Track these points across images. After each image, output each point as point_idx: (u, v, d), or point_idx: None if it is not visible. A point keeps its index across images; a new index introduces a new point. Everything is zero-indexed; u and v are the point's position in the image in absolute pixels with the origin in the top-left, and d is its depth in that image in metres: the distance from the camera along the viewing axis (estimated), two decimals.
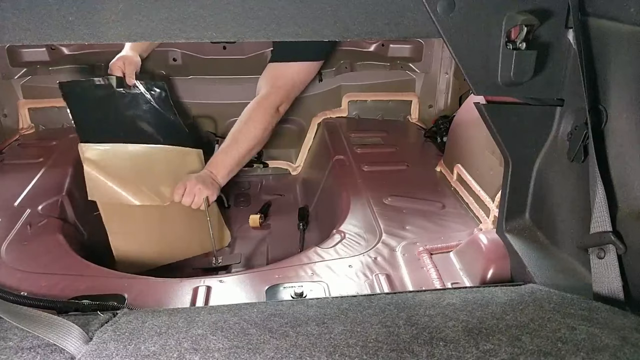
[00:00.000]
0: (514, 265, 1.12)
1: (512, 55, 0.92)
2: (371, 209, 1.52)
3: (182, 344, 0.75)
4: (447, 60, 2.23)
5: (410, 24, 0.91)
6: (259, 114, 1.92)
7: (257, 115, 1.92)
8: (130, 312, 0.87)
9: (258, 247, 1.79)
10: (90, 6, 0.84)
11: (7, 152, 1.97)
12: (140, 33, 0.87)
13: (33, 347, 0.76)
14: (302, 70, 2.06)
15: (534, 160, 1.09)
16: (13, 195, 1.60)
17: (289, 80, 2.02)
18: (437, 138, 2.05)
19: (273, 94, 1.97)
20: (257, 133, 1.90)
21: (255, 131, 1.89)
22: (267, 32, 0.89)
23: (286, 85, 2.01)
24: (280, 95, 1.98)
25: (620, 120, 0.86)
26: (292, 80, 2.03)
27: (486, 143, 1.40)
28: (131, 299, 1.14)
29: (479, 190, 1.47)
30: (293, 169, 2.31)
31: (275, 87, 1.99)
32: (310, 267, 1.27)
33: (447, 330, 0.77)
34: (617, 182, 0.86)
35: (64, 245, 1.38)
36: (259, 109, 1.94)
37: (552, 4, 0.92)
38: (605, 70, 0.88)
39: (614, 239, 0.83)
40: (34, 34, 0.85)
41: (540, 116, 1.04)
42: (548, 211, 1.08)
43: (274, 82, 2.00)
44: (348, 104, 2.28)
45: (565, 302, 0.84)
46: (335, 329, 0.78)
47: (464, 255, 1.26)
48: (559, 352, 0.70)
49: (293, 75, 2.03)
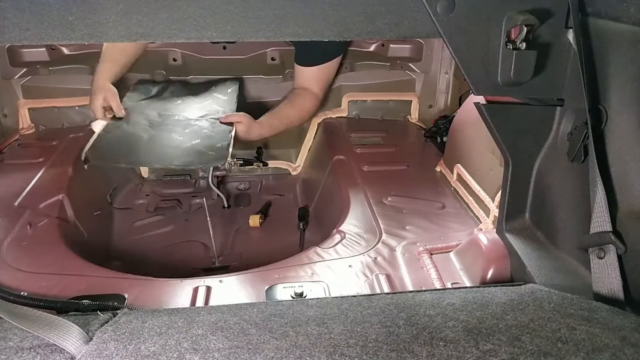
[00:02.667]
0: (514, 265, 1.12)
1: (512, 55, 0.92)
2: (371, 209, 1.52)
3: (182, 344, 0.75)
4: (447, 60, 2.23)
5: (410, 24, 0.91)
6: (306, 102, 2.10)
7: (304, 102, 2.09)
8: (130, 312, 0.87)
9: (258, 247, 1.79)
10: (90, 6, 0.84)
11: (7, 152, 1.96)
12: (140, 33, 0.87)
13: (33, 347, 0.76)
14: (335, 63, 2.15)
15: (534, 160, 1.09)
16: (13, 195, 1.60)
17: (331, 75, 2.17)
18: (437, 138, 2.05)
19: (320, 89, 2.12)
20: (300, 116, 2.09)
21: (298, 115, 2.08)
22: (267, 32, 0.89)
23: (329, 79, 2.17)
24: (324, 90, 2.16)
25: (620, 120, 0.86)
26: (333, 73, 2.18)
27: (486, 143, 1.40)
28: (131, 299, 1.14)
29: (479, 190, 1.47)
30: (293, 169, 2.30)
31: (320, 86, 2.12)
32: (310, 267, 1.27)
33: (447, 330, 0.77)
34: (617, 182, 0.86)
35: (64, 245, 1.38)
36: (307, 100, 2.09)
37: (552, 4, 0.92)
38: (605, 70, 0.88)
39: (614, 239, 0.83)
40: (34, 34, 0.85)
41: (540, 116, 1.04)
42: (548, 211, 1.08)
43: (320, 81, 2.12)
44: (348, 104, 2.28)
45: (565, 302, 0.84)
46: (335, 329, 0.78)
47: (464, 255, 1.26)
48: (559, 352, 0.70)
49: (333, 69, 2.16)
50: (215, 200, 2.05)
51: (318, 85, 2.11)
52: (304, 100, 2.08)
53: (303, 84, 2.10)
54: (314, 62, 2.07)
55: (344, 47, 2.16)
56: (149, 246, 1.79)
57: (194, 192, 2.11)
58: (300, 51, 2.10)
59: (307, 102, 2.09)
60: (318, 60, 2.07)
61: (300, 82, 2.12)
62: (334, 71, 2.17)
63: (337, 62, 2.15)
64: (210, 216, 1.69)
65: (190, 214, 1.98)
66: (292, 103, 2.06)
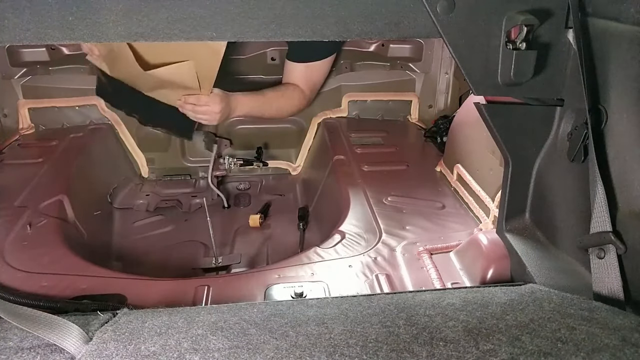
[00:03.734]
0: (514, 265, 1.12)
1: (512, 55, 0.92)
2: (371, 209, 1.52)
3: (182, 344, 0.75)
4: (447, 60, 2.23)
5: (410, 24, 0.91)
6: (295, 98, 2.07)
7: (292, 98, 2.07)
8: (130, 312, 0.87)
9: (258, 247, 1.79)
10: (90, 6, 0.84)
11: (7, 152, 1.96)
12: (140, 33, 0.87)
13: (33, 347, 0.76)
14: (328, 63, 2.14)
15: (534, 160, 1.09)
16: (13, 195, 1.60)
17: (322, 76, 2.16)
18: (437, 138, 2.05)
19: (309, 89, 2.10)
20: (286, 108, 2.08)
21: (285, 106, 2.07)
22: (267, 32, 0.89)
23: (319, 81, 2.15)
24: (313, 91, 2.15)
25: (620, 120, 0.86)
26: (324, 75, 2.17)
27: (486, 143, 1.40)
28: (131, 299, 1.14)
29: (479, 190, 1.47)
30: (293, 169, 2.31)
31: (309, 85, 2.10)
32: (310, 267, 1.27)
33: (447, 330, 0.77)
34: (617, 182, 0.86)
35: (64, 245, 1.38)
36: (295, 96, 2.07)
37: (552, 4, 0.92)
38: (605, 70, 0.88)
39: (614, 239, 0.83)
40: (34, 34, 0.85)
41: (540, 116, 1.04)
42: (548, 211, 1.08)
43: (309, 81, 2.10)
44: (348, 104, 2.27)
45: (565, 302, 0.85)
46: (335, 329, 0.78)
47: (464, 255, 1.26)
48: (559, 352, 0.70)
49: (324, 70, 2.15)
50: (215, 200, 2.05)
51: (306, 85, 2.09)
52: (293, 93, 2.07)
53: (291, 81, 2.09)
54: (304, 58, 2.06)
55: (336, 48, 2.14)
56: (149, 246, 1.79)
57: (194, 192, 2.12)
58: (292, 46, 2.09)
59: (296, 96, 2.07)
60: (308, 58, 2.06)
61: (288, 78, 2.10)
62: (324, 74, 2.15)
63: (327, 64, 2.12)
64: (210, 216, 1.69)
65: (190, 214, 1.98)
66: (281, 92, 2.05)
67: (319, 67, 2.10)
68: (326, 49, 2.09)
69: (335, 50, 2.14)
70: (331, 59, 2.13)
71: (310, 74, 2.09)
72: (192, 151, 2.24)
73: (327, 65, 2.13)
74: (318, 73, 2.12)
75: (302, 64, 2.07)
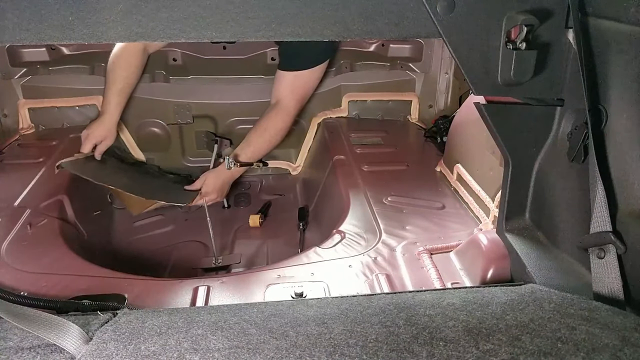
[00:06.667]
0: (514, 265, 1.12)
1: (512, 55, 0.92)
2: (371, 209, 1.52)
3: (182, 344, 0.75)
4: (447, 60, 2.23)
5: (410, 24, 0.91)
6: (279, 123, 2.05)
7: (277, 123, 2.04)
8: (130, 312, 0.87)
9: (258, 247, 1.80)
10: (90, 6, 0.84)
11: (7, 152, 1.97)
12: (140, 33, 0.87)
13: (33, 347, 0.76)
14: (317, 73, 2.13)
15: (534, 160, 1.09)
16: (13, 195, 1.60)
17: (309, 88, 2.13)
18: (437, 138, 2.05)
19: (293, 106, 2.08)
20: (276, 140, 2.06)
21: (275, 139, 2.06)
22: (267, 32, 0.89)
23: (306, 93, 2.13)
24: (300, 103, 2.13)
25: (620, 120, 0.86)
26: (311, 86, 2.14)
27: (486, 143, 1.40)
28: (131, 299, 1.14)
29: (479, 190, 1.47)
30: (293, 169, 2.31)
31: (296, 98, 2.08)
32: (310, 267, 1.27)
33: (447, 330, 0.77)
34: (617, 182, 0.86)
35: (64, 245, 1.38)
36: (279, 120, 2.05)
37: (552, 4, 0.92)
38: (605, 70, 0.88)
39: (614, 239, 0.83)
40: (34, 34, 0.85)
41: (540, 116, 1.04)
42: (548, 211, 1.08)
43: (295, 93, 2.08)
44: (348, 104, 2.28)
45: (565, 302, 0.85)
46: (335, 329, 0.78)
47: (464, 255, 1.26)
48: (558, 352, 0.70)
49: (312, 81, 2.13)
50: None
51: (293, 95, 2.07)
52: (275, 120, 2.05)
53: (278, 94, 2.08)
54: (293, 67, 2.06)
55: (325, 57, 2.13)
56: (149, 246, 1.79)
57: None
58: (282, 55, 2.10)
59: (279, 120, 2.05)
60: (296, 66, 2.06)
61: (276, 90, 2.09)
62: (312, 83, 2.13)
63: (315, 73, 2.11)
64: (210, 216, 1.69)
65: (190, 214, 1.99)
66: (263, 127, 2.03)
67: (307, 77, 2.09)
68: (315, 58, 2.08)
69: (324, 60, 2.12)
70: (320, 69, 2.11)
71: (298, 83, 2.08)
72: (192, 151, 2.24)
73: (315, 75, 2.12)
74: (306, 83, 2.11)
75: (291, 73, 2.06)
